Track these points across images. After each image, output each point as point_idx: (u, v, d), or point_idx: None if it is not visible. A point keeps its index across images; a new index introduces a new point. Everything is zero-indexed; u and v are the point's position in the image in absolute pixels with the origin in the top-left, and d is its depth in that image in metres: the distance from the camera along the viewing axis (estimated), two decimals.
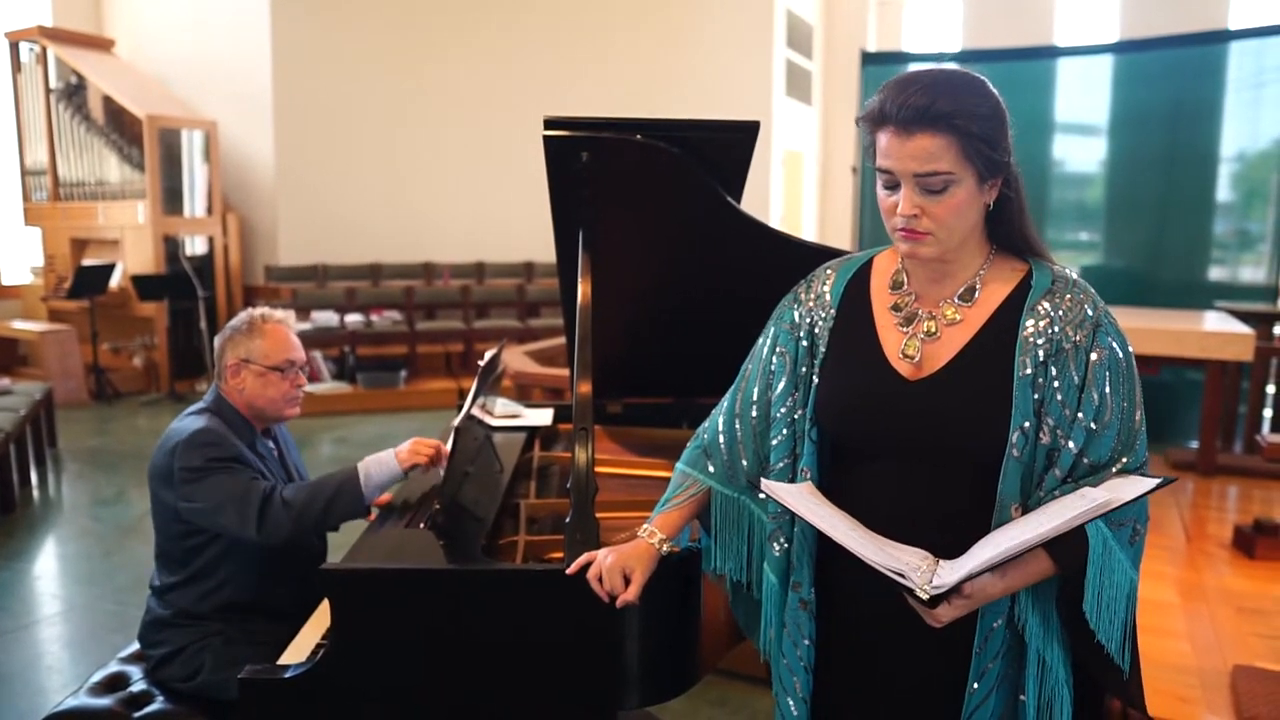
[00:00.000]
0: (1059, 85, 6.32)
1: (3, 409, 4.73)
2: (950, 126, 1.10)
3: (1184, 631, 2.89)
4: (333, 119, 8.15)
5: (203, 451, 1.88)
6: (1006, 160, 1.16)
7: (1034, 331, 1.17)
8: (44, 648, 3.20)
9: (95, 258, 7.73)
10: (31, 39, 7.71)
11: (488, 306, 8.48)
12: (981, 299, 1.22)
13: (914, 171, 1.12)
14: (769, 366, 1.33)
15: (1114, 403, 1.16)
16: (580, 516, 1.50)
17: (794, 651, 1.30)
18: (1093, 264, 6.20)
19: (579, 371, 1.58)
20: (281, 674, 1.46)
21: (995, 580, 1.12)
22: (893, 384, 1.22)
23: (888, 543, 1.15)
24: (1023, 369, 1.16)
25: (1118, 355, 1.18)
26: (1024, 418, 1.15)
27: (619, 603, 1.32)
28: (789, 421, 1.30)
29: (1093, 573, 1.13)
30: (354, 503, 1.90)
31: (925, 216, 1.14)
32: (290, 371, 2.03)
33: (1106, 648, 1.15)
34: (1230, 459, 4.72)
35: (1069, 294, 1.19)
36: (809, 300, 1.32)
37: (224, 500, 1.85)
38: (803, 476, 1.28)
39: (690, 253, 1.89)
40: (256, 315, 2.05)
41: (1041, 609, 1.19)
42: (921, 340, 1.22)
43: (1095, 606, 1.14)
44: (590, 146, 1.60)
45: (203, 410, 2.00)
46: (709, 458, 1.39)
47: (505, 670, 1.45)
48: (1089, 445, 1.15)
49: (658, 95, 8.73)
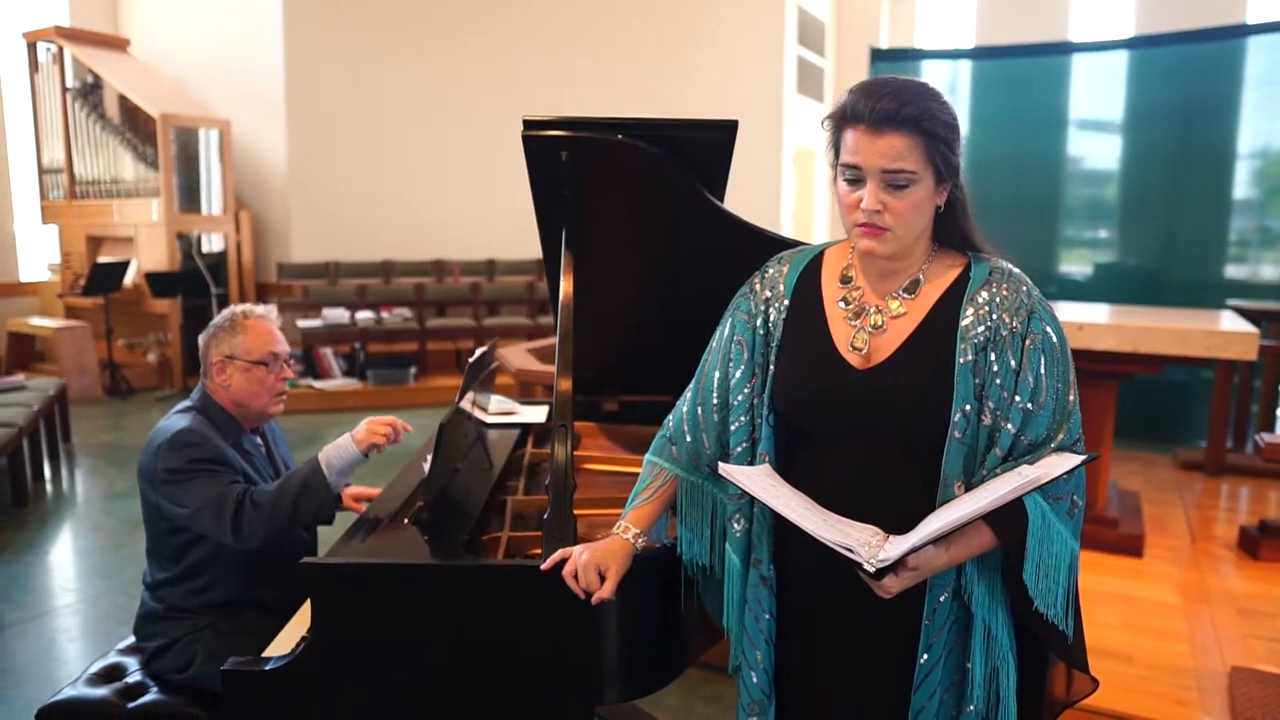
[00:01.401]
0: (1073, 81, 6.26)
1: (16, 404, 4.80)
2: (918, 128, 1.18)
3: (1184, 633, 2.87)
4: (344, 118, 8.21)
5: (184, 453, 1.89)
6: (959, 166, 1.25)
7: (973, 320, 1.25)
8: (54, 639, 3.25)
9: (110, 255, 7.83)
10: (48, 39, 7.81)
11: (498, 304, 8.52)
12: (924, 292, 1.29)
13: (881, 168, 1.20)
14: (727, 355, 1.39)
15: (1048, 384, 1.23)
16: (558, 513, 1.51)
17: (755, 626, 1.37)
18: (1107, 261, 6.14)
19: (559, 368, 1.60)
20: (263, 666, 1.48)
21: (940, 552, 1.18)
22: (843, 374, 1.29)
23: (840, 520, 1.21)
24: (963, 356, 1.23)
25: (1051, 340, 1.25)
26: (965, 401, 1.22)
27: (594, 599, 1.34)
28: (747, 407, 1.36)
29: (1032, 544, 1.20)
30: (321, 492, 1.89)
31: (887, 212, 1.21)
32: (275, 365, 2.05)
33: (1047, 614, 1.22)
34: (1240, 459, 4.68)
35: (1005, 284, 1.27)
36: (764, 291, 1.39)
37: (202, 505, 1.86)
38: (761, 460, 1.34)
39: (676, 251, 1.89)
40: (238, 312, 2.06)
41: (987, 580, 1.26)
42: (869, 333, 1.29)
43: (1035, 575, 1.21)
44: (569, 146, 1.61)
45: (188, 409, 2.02)
46: (674, 445, 1.45)
47: (483, 664, 1.47)
48: (1026, 425, 1.22)
49: (668, 92, 8.73)
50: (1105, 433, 3.53)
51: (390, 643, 1.46)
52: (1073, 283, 6.08)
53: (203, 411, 2.01)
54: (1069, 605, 1.25)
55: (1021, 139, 6.08)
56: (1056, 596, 1.23)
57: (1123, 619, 2.96)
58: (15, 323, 7.65)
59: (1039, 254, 6.16)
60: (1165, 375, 3.85)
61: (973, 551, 1.22)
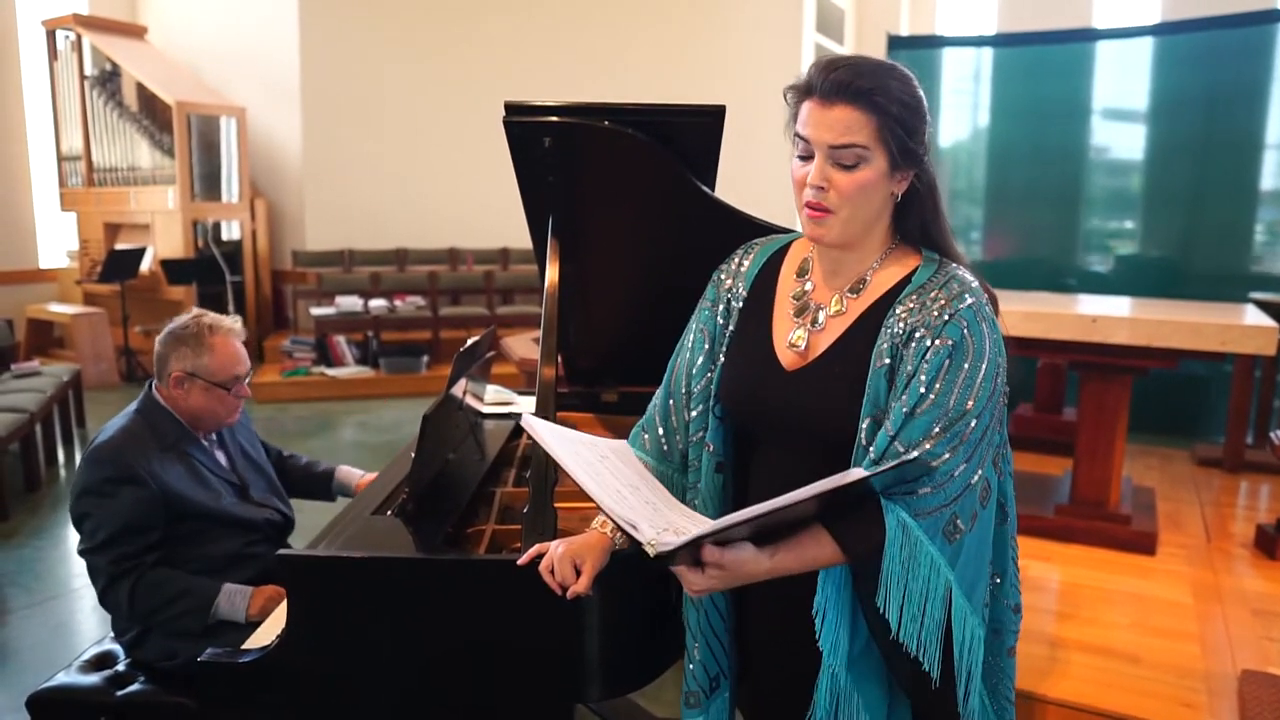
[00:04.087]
0: (1097, 69, 6.13)
1: (30, 390, 4.85)
2: (870, 103, 1.12)
3: (1195, 634, 2.80)
4: (360, 106, 8.21)
5: (98, 470, 1.88)
6: (921, 154, 1.17)
7: (895, 322, 1.16)
8: (62, 623, 3.28)
9: (127, 242, 7.88)
10: (67, 27, 7.85)
11: (512, 292, 8.50)
12: (867, 292, 1.22)
13: (829, 142, 1.14)
14: (695, 343, 1.36)
15: (942, 389, 1.11)
16: (538, 507, 1.48)
17: (695, 616, 1.35)
18: (1128, 253, 6.03)
19: (543, 357, 1.57)
20: (238, 658, 1.46)
21: (759, 558, 1.08)
22: (772, 373, 1.25)
23: (668, 502, 1.18)
24: (879, 359, 1.16)
25: (964, 345, 1.12)
26: (875, 407, 1.15)
27: (569, 594, 1.31)
28: (705, 397, 1.33)
29: (891, 561, 1.08)
30: (195, 617, 1.89)
31: (832, 190, 1.15)
32: (237, 386, 2.02)
33: (915, 653, 1.09)
34: (1260, 456, 4.57)
35: (942, 289, 1.16)
36: (729, 279, 1.35)
37: (96, 546, 1.89)
38: (708, 452, 1.31)
39: (668, 239, 1.85)
40: (205, 325, 2.01)
41: (840, 605, 1.15)
42: (808, 330, 1.24)
43: (896, 601, 1.08)
44: (552, 132, 1.57)
45: (134, 412, 1.99)
46: (645, 434, 1.42)
47: (460, 659, 1.44)
48: (903, 428, 1.11)
49: (684, 79, 8.65)
50: (1119, 427, 3.46)
51: (365, 635, 1.44)
52: (1093, 275, 5.97)
53: (146, 415, 1.98)
54: (940, 648, 1.10)
55: (1043, 128, 5.97)
56: (924, 630, 1.09)
57: (1132, 618, 2.90)
58: (34, 309, 7.73)
59: (1059, 245, 6.06)
60: (1184, 369, 3.77)
61: (804, 564, 1.11)
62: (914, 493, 1.10)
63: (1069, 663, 2.57)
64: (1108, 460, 3.46)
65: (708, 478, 1.32)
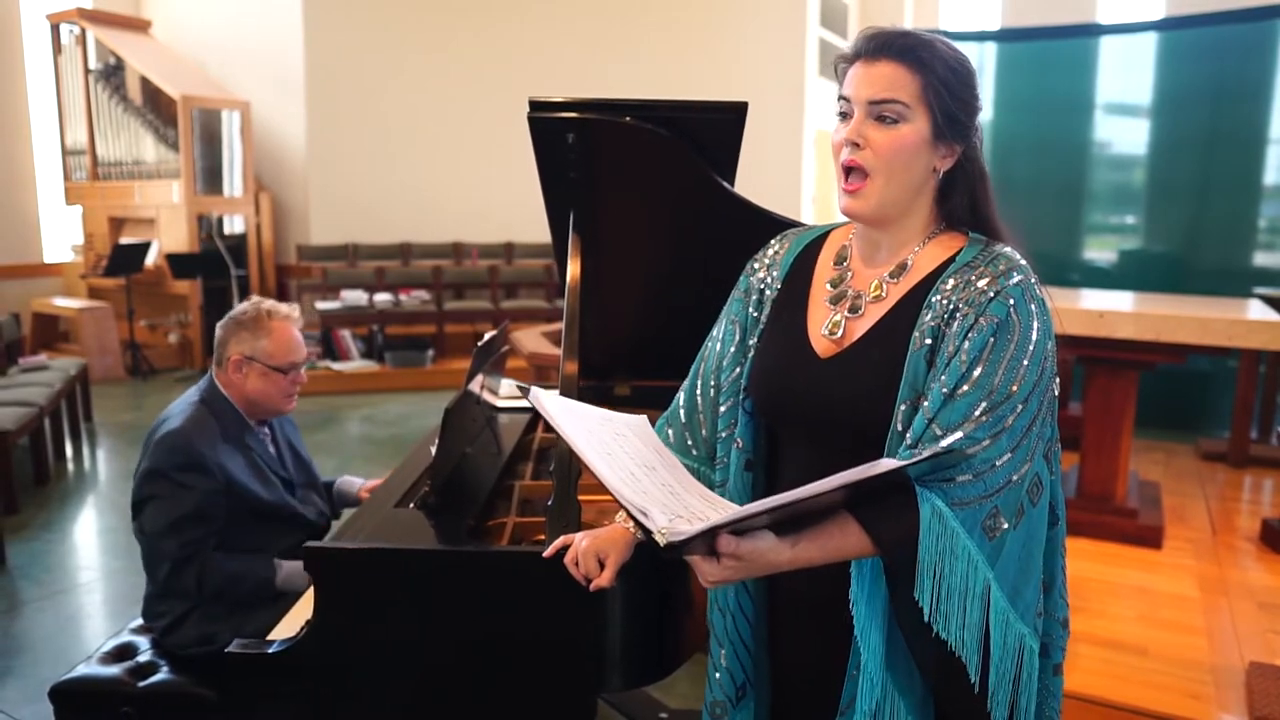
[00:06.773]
0: (1101, 64, 6.14)
1: (38, 384, 4.86)
2: (915, 59, 1.08)
3: (1201, 626, 2.83)
4: (364, 100, 8.21)
5: (170, 456, 1.91)
6: (968, 127, 1.12)
7: (938, 301, 1.09)
8: (73, 616, 3.29)
9: (132, 236, 7.89)
10: (71, 21, 7.86)
11: (516, 286, 8.52)
12: (908, 276, 1.15)
13: (869, 98, 1.09)
14: (725, 336, 1.32)
15: (985, 370, 1.03)
16: (562, 499, 1.49)
17: (721, 622, 1.30)
18: (1132, 248, 6.04)
19: (565, 352, 1.58)
20: (266, 649, 1.48)
21: (780, 547, 0.99)
22: (804, 361, 1.18)
23: (686, 484, 1.10)
24: (919, 341, 1.08)
25: (1009, 323, 1.04)
26: (913, 390, 1.07)
27: (593, 587, 1.31)
28: (734, 391, 1.27)
29: (926, 551, 0.99)
30: (262, 586, 1.98)
31: (868, 148, 1.09)
32: (294, 371, 2.05)
33: (957, 650, 1.01)
34: (1265, 450, 4.60)
35: (989, 265, 1.08)
36: (762, 268, 1.30)
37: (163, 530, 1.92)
38: (736, 448, 1.26)
39: (686, 234, 1.87)
40: (264, 310, 2.04)
41: (869, 593, 1.07)
42: (845, 317, 1.17)
43: (932, 593, 0.99)
44: (575, 128, 1.59)
45: (197, 401, 2.02)
46: (670, 427, 1.39)
47: (485, 650, 1.46)
48: (941, 410, 1.03)
49: (689, 74, 8.65)
50: (1126, 422, 3.48)
51: (391, 626, 1.45)
52: (1097, 269, 5.98)
53: (209, 404, 2.01)
54: (980, 654, 1.02)
55: (1047, 122, 5.97)
56: (963, 629, 1.01)
57: (1139, 611, 2.92)
58: (39, 303, 7.75)
59: (1063, 240, 6.06)
60: (1189, 364, 3.79)
61: (828, 555, 1.01)
62: (951, 480, 1.01)
63: (1077, 655, 2.59)
64: (1114, 454, 3.48)
65: (736, 475, 1.26)
